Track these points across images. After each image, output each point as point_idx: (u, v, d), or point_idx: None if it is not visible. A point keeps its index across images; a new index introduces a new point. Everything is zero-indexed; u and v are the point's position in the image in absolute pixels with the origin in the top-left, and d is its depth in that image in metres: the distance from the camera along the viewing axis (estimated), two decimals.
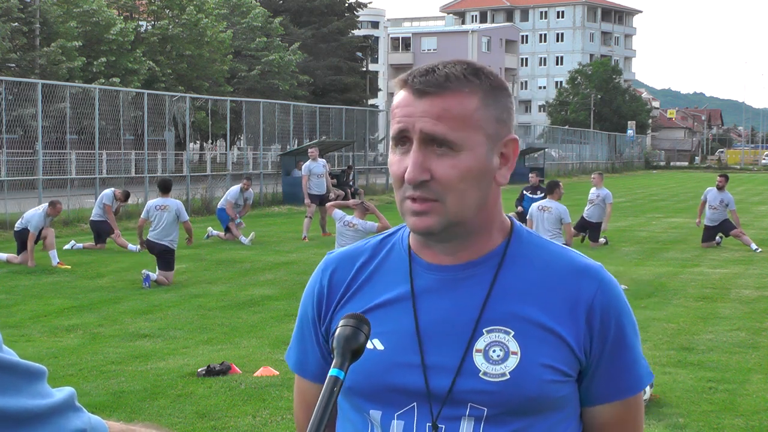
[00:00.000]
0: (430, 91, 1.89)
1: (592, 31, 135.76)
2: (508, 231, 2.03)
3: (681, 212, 32.87)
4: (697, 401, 8.28)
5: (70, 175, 27.44)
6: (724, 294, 14.33)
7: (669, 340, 10.70)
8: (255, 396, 8.31)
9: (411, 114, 1.89)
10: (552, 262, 2.00)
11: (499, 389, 1.90)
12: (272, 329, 11.36)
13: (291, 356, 2.20)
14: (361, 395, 1.99)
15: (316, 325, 2.11)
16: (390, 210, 31.95)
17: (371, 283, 2.05)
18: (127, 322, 11.73)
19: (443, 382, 1.92)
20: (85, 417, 1.54)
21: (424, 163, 1.88)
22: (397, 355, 1.96)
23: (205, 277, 15.67)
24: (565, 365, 1.93)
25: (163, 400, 8.21)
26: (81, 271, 16.06)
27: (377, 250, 2.10)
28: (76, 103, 27.03)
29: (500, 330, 1.93)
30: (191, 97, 33.68)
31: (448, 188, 1.89)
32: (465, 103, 1.90)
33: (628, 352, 1.99)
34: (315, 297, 2.11)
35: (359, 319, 1.73)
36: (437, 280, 1.99)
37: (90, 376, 9.03)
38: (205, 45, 51.15)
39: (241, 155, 42.21)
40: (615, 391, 2.00)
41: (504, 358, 1.91)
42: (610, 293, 1.98)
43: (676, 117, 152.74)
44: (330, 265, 2.12)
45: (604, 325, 1.96)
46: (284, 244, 20.93)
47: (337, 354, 1.70)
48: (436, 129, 1.87)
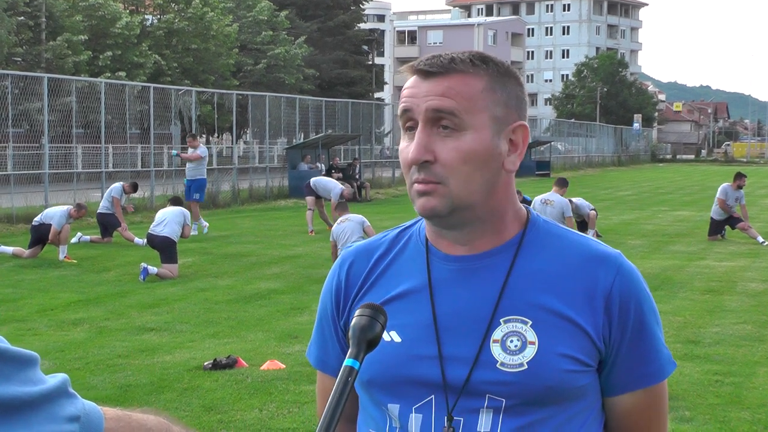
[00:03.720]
0: (435, 71, 1.90)
1: (598, 24, 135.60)
2: (525, 220, 2.02)
3: (687, 205, 32.81)
4: (703, 394, 8.27)
5: (77, 169, 27.43)
6: (731, 287, 14.31)
7: (675, 333, 10.69)
8: (261, 389, 8.31)
9: (415, 95, 1.90)
10: (569, 250, 1.98)
11: (516, 380, 1.88)
12: (278, 323, 11.36)
13: (312, 352, 2.19)
14: (380, 388, 1.98)
15: (335, 320, 2.10)
16: (396, 204, 31.97)
17: (388, 275, 2.05)
18: (134, 316, 11.74)
19: (460, 373, 1.91)
20: (79, 403, 1.53)
21: (428, 144, 1.88)
22: (414, 347, 1.95)
23: (211, 270, 15.67)
24: (584, 354, 1.92)
25: (169, 393, 8.22)
26: (87, 265, 16.08)
27: (394, 243, 2.09)
28: (82, 97, 27.02)
29: (517, 320, 1.92)
30: (197, 90, 33.65)
31: (451, 170, 1.88)
32: (470, 83, 1.90)
33: (649, 340, 1.98)
34: (333, 291, 2.11)
35: (376, 309, 1.72)
36: (453, 270, 1.98)
37: (97, 369, 9.04)
38: (211, 39, 51.16)
39: (247, 149, 42.19)
40: (637, 379, 1.98)
41: (521, 348, 1.90)
42: (629, 280, 1.96)
43: (683, 110, 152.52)
44: (347, 258, 2.12)
45: (623, 312, 1.94)
46: (290, 237, 20.92)
47: (353, 344, 1.68)
48: (440, 104, 1.87)
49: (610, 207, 30.87)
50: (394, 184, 40.92)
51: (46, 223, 16.68)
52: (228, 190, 31.32)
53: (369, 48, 77.87)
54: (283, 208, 29.95)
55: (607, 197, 36.69)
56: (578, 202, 19.57)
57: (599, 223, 21.30)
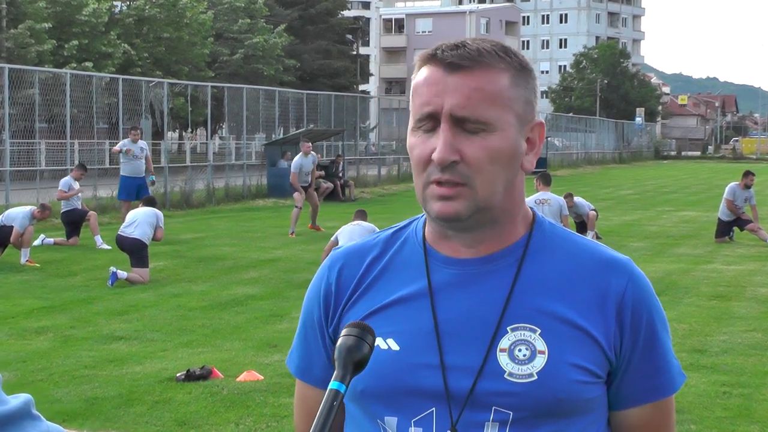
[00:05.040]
0: (464, 65, 1.88)
1: (598, 11, 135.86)
2: (531, 222, 2.03)
3: (693, 205, 32.91)
4: (710, 407, 8.29)
5: (40, 167, 27.38)
6: (739, 292, 14.36)
7: (680, 341, 10.71)
8: (238, 402, 8.31)
9: (441, 92, 1.88)
10: (578, 254, 1.99)
11: (526, 391, 1.88)
12: (256, 331, 11.36)
13: (293, 360, 2.17)
14: (375, 400, 1.97)
15: (322, 327, 2.09)
16: (382, 203, 31.97)
17: (383, 280, 2.03)
18: (102, 324, 11.72)
19: (464, 384, 1.90)
20: (44, 426, 1.52)
21: (455, 143, 1.87)
22: (413, 356, 1.94)
23: (184, 275, 15.65)
24: (594, 365, 1.92)
25: (139, 407, 8.20)
26: (52, 269, 16.04)
27: (389, 244, 2.08)
28: (46, 89, 26.96)
29: (526, 327, 1.92)
30: (169, 82, 33.62)
31: (478, 170, 1.88)
32: (497, 79, 1.90)
33: (660, 351, 1.99)
34: (321, 296, 2.09)
35: (363, 328, 1.71)
36: (456, 274, 1.97)
37: (61, 381, 9.02)
38: (185, 27, 51.09)
39: (222, 145, 42.20)
40: (647, 393, 1.99)
41: (531, 358, 1.90)
42: (640, 288, 1.97)
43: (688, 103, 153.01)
44: (337, 261, 2.10)
45: (635, 322, 1.95)
46: (269, 240, 20.91)
47: (339, 366, 1.67)
48: (469, 107, 1.87)
49: (610, 207, 30.93)
50: (380, 182, 40.94)
51: (7, 225, 16.63)
52: (202, 189, 31.26)
53: (353, 37, 77.94)
54: (262, 209, 29.93)
55: (608, 196, 36.77)
56: (577, 201, 19.60)
57: (599, 224, 21.35)
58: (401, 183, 40.79)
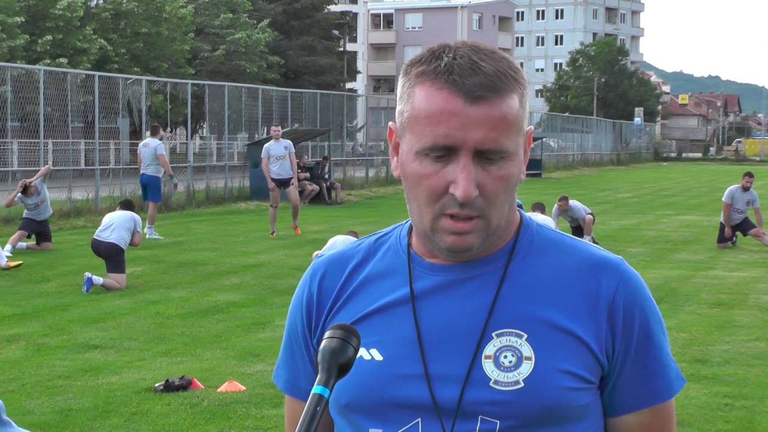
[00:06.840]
0: (488, 97, 1.86)
1: (595, 6, 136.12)
2: (517, 225, 2.03)
3: (694, 209, 32.98)
4: (711, 419, 8.30)
5: (12, 167, 27.33)
6: (742, 300, 14.39)
7: (680, 351, 10.73)
8: (219, 414, 8.30)
9: (464, 126, 1.85)
10: (567, 256, 1.99)
11: (512, 399, 1.88)
12: (238, 339, 11.35)
13: (280, 375, 2.18)
14: (359, 412, 1.97)
15: (306, 338, 2.10)
16: (370, 207, 31.96)
17: (366, 288, 2.04)
18: (76, 332, 11.69)
19: (450, 394, 1.90)
20: None
21: (474, 176, 1.87)
22: (397, 366, 1.95)
23: (163, 281, 15.63)
24: (585, 370, 1.92)
25: (116, 418, 8.19)
26: (24, 275, 16.00)
27: (371, 251, 2.09)
28: (19, 86, 26.92)
29: (511, 333, 1.92)
30: (148, 79, 33.57)
31: (493, 200, 1.89)
32: (513, 104, 1.89)
33: (655, 353, 1.99)
34: (304, 306, 2.10)
35: (347, 330, 1.72)
36: (439, 281, 1.98)
37: (34, 392, 9.00)
38: (164, 22, 51.01)
39: (203, 145, 42.16)
40: (643, 397, 1.99)
41: (517, 365, 1.90)
42: (633, 288, 1.97)
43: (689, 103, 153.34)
44: (319, 269, 2.11)
45: (628, 324, 1.95)
46: (252, 244, 20.90)
47: (322, 369, 1.69)
48: (494, 140, 1.86)
49: (608, 211, 30.99)
50: (368, 184, 40.96)
51: None
52: (182, 191, 31.23)
53: (340, 33, 77.84)
54: (244, 212, 29.93)
55: (605, 200, 36.84)
56: (573, 204, 19.65)
57: (596, 228, 21.40)
58: (389, 185, 40.80)
